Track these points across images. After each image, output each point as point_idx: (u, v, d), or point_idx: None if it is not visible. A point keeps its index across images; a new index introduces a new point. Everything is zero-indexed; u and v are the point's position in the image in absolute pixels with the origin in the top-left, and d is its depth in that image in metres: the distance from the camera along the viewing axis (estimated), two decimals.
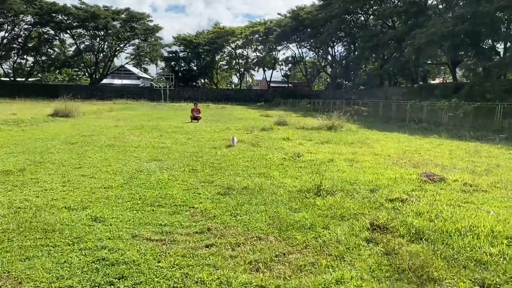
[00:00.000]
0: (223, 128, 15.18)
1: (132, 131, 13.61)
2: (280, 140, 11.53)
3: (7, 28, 58.59)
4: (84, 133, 12.52)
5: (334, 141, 11.48)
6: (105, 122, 17.44)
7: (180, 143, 10.49)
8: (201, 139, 11.69)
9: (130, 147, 9.61)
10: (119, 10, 64.09)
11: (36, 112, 21.85)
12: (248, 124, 17.37)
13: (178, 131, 13.93)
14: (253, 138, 12.17)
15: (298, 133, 13.83)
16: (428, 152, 10.10)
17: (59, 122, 16.65)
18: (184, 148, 9.60)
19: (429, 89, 43.83)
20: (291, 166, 7.67)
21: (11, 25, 58.83)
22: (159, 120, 19.45)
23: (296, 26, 60.90)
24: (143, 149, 9.38)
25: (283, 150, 9.64)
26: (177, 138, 11.74)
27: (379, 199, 5.35)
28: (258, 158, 8.46)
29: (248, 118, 23.19)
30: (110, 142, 10.24)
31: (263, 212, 4.66)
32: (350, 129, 15.69)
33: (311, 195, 5.44)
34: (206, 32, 74.45)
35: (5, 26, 58.23)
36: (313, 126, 16.01)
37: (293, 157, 8.67)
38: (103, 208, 4.63)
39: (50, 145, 9.53)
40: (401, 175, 6.89)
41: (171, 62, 75.59)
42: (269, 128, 14.91)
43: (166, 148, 9.52)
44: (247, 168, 7.32)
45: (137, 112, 27.67)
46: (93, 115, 22.56)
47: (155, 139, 11.37)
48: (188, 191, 5.56)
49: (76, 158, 7.90)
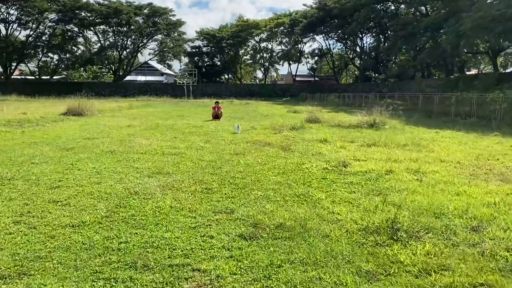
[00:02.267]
0: (247, 128, 13.32)
1: (144, 132, 11.95)
2: (316, 143, 9.55)
3: (32, 26, 58.68)
4: (89, 135, 10.93)
5: (382, 142, 9.39)
6: (118, 121, 15.92)
7: (196, 148, 8.68)
8: (221, 141, 9.86)
9: (134, 153, 7.89)
10: (141, 5, 63.16)
11: (50, 110, 20.65)
12: (276, 122, 15.45)
13: (196, 131, 12.16)
14: (283, 139, 10.25)
15: (336, 133, 11.81)
16: (508, 158, 7.90)
17: (68, 122, 15.22)
18: (200, 155, 7.78)
19: (467, 80, 40.66)
20: (339, 182, 5.71)
21: (35, 23, 58.85)
22: (178, 119, 17.79)
23: (323, 17, 58.17)
24: (150, 156, 7.62)
25: (322, 157, 7.68)
26: (193, 141, 9.94)
27: (495, 247, 3.35)
28: (292, 169, 6.55)
29: (275, 114, 21.24)
30: (112, 147, 8.56)
31: (315, 284, 2.76)
32: (394, 127, 13.51)
33: (384, 240, 3.50)
34: (229, 25, 72.65)
35: (30, 24, 58.33)
36: (350, 124, 13.93)
37: (337, 167, 6.71)
38: (49, 279, 2.82)
39: (40, 152, 7.92)
40: (501, 198, 4.83)
41: (194, 58, 74.27)
42: (300, 126, 12.93)
43: (177, 155, 7.74)
44: (279, 186, 5.42)
45: (157, 109, 26.21)
46: (110, 113, 21.17)
47: (167, 142, 9.62)
48: (194, 232, 3.72)
49: (60, 171, 6.21)
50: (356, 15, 50.18)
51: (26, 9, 55.59)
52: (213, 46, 71.21)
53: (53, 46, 61.88)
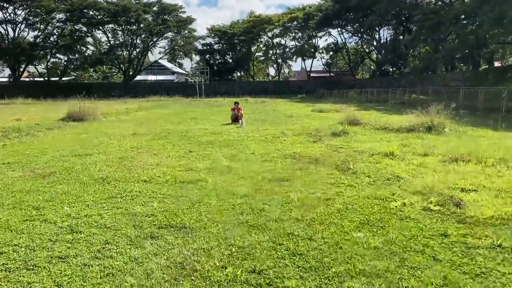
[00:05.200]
0: (276, 134, 10.93)
1: (152, 142, 9.65)
2: (380, 157, 7.09)
3: (39, 27, 57.07)
4: (82, 149, 8.67)
5: (468, 155, 6.90)
6: (123, 127, 13.67)
7: (220, 170, 6.31)
8: (251, 157, 7.49)
9: (135, 182, 5.57)
10: (150, 2, 61.03)
11: (50, 115, 18.56)
12: (307, 126, 13.05)
13: (215, 141, 9.81)
14: (330, 152, 7.85)
15: (392, 140, 9.33)
16: None
17: (64, 130, 13.02)
18: (228, 184, 5.41)
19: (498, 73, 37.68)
20: (475, 246, 3.31)
21: (43, 24, 57.25)
22: (191, 122, 15.49)
23: (339, 9, 55.30)
24: (157, 187, 5.30)
25: (406, 184, 5.24)
26: (215, 156, 7.59)
27: None
28: (377, 214, 4.15)
29: (300, 115, 18.79)
30: (107, 172, 6.26)
31: None
32: (456, 130, 10.98)
33: None
34: (241, 21, 70.18)
35: (37, 25, 56.75)
36: (400, 126, 11.42)
37: (444, 205, 4.30)
38: None
39: (2, 183, 5.67)
40: None
41: (205, 55, 72.04)
42: (341, 131, 10.47)
43: (196, 185, 5.39)
44: (380, 260, 3.05)
45: (168, 111, 23.98)
46: (115, 117, 18.98)
47: (180, 159, 7.29)
48: None
49: (13, 226, 3.91)
50: (376, 6, 47.19)
51: (33, 9, 53.99)
52: (225, 43, 68.88)
53: (61, 46, 60.20)
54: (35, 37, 57.59)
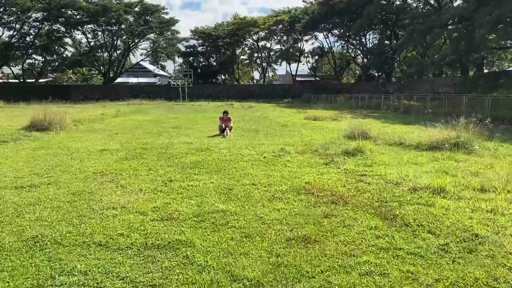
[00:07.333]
0: (275, 151, 9.07)
1: (122, 164, 7.66)
2: (431, 196, 5.25)
3: (15, 27, 53.89)
4: (29, 177, 6.60)
5: None
6: (92, 140, 11.58)
7: (212, 220, 4.38)
8: (254, 191, 5.59)
9: (84, 245, 3.62)
10: (132, 2, 58.51)
11: (12, 123, 16.29)
12: (308, 139, 11.26)
13: (203, 162, 7.88)
14: (354, 182, 6.03)
15: (425, 163, 7.58)
16: None
17: (20, 144, 10.85)
18: (226, 252, 3.53)
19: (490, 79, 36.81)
20: None
21: (19, 23, 54.09)
22: (174, 133, 13.50)
23: (326, 13, 53.98)
24: (114, 263, 3.38)
25: (494, 247, 3.49)
26: (203, 190, 5.65)
27: None
28: None
29: (294, 124, 16.97)
30: (45, 224, 4.26)
31: None
32: (486, 147, 9.33)
33: None
34: (225, 23, 68.28)
35: (12, 24, 53.57)
36: (419, 142, 9.72)
37: None
38: None
39: None
40: None
41: (189, 58, 69.85)
42: (355, 149, 8.66)
43: (176, 253, 3.49)
44: None
45: (149, 117, 21.86)
46: (87, 125, 16.79)
47: (157, 196, 5.35)
48: None
49: None
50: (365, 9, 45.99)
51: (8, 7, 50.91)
52: (209, 45, 66.98)
53: (38, 47, 57.18)
54: (10, 37, 54.48)
